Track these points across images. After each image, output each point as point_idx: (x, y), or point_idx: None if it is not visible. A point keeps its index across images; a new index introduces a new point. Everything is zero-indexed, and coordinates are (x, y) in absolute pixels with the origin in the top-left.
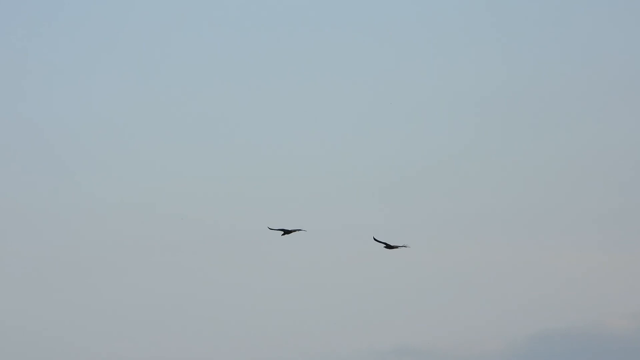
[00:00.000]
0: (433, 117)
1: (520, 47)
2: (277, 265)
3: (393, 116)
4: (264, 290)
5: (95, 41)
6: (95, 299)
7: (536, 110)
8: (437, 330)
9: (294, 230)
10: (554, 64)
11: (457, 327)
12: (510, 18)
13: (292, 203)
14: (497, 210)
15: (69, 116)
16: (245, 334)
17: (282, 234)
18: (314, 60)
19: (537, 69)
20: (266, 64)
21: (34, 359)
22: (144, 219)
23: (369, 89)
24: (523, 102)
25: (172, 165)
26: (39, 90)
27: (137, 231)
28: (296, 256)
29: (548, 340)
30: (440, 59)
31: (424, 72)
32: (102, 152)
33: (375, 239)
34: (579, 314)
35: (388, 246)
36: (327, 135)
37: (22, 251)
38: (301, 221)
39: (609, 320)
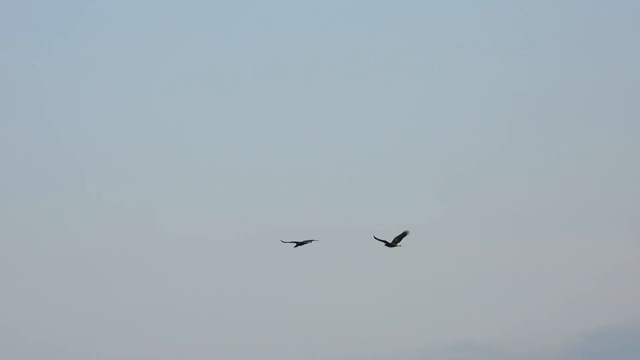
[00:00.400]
0: (466, 117)
1: (551, 44)
2: (327, 264)
3: (428, 117)
4: (315, 287)
5: (103, 47)
6: (99, 301)
7: (572, 106)
8: (496, 326)
9: (306, 242)
10: (585, 59)
11: (516, 323)
12: (538, 18)
13: (313, 206)
14: (549, 207)
15: (75, 120)
16: (296, 331)
17: (295, 246)
18: (340, 63)
19: (566, 65)
20: (298, 66)
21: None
22: (149, 222)
23: (400, 92)
24: (557, 98)
25: (180, 168)
26: (43, 93)
27: (143, 234)
28: (347, 254)
29: (606, 337)
30: (470, 60)
31: (456, 73)
32: (109, 156)
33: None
34: (637, 311)
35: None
36: (361, 139)
37: (29, 251)
38: (339, 222)
39: None
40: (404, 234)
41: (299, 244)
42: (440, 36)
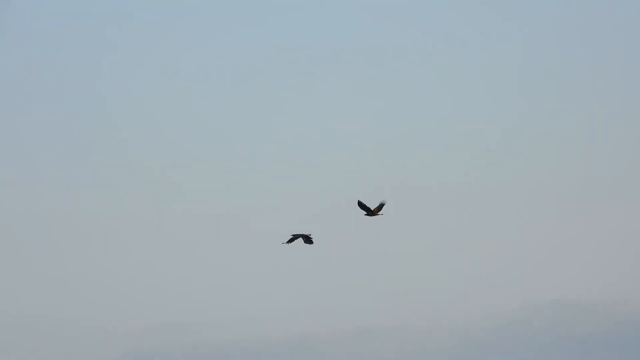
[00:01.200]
0: (477, 101)
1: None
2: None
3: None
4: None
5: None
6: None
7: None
8: (595, 285)
9: (300, 236)
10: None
11: (613, 282)
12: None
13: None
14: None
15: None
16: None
17: (288, 241)
18: (354, 56)
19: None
20: (323, 64)
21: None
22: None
23: (417, 80)
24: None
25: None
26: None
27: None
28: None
29: None
30: (482, 48)
31: (464, 62)
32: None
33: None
34: None
35: (369, 212)
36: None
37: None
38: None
39: None
40: (382, 205)
41: (294, 237)
42: (449, 26)
